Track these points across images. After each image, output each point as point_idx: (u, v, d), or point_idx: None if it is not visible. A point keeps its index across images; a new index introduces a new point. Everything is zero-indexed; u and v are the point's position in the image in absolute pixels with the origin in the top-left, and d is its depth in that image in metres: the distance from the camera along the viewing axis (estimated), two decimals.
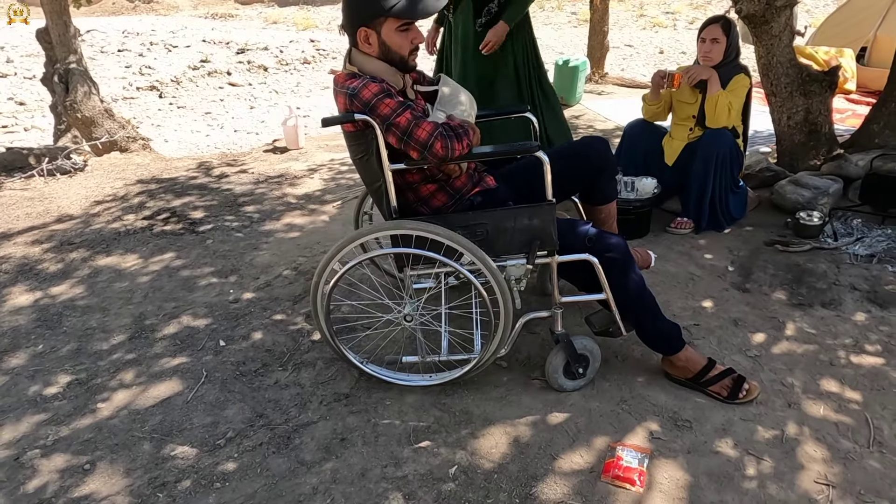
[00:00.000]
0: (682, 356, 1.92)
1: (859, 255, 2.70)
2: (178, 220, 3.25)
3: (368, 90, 1.66)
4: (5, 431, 1.84)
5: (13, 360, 2.17)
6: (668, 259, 2.75)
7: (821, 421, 1.81)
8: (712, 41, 2.95)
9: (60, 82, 4.71)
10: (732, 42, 2.94)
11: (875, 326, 2.24)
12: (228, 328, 2.32)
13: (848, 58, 6.14)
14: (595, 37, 7.13)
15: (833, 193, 3.05)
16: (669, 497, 1.57)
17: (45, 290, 2.63)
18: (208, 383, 2.03)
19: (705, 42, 2.97)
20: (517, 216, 1.75)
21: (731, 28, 2.92)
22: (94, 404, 1.94)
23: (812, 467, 1.65)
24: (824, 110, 3.57)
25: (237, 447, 1.76)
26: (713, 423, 1.81)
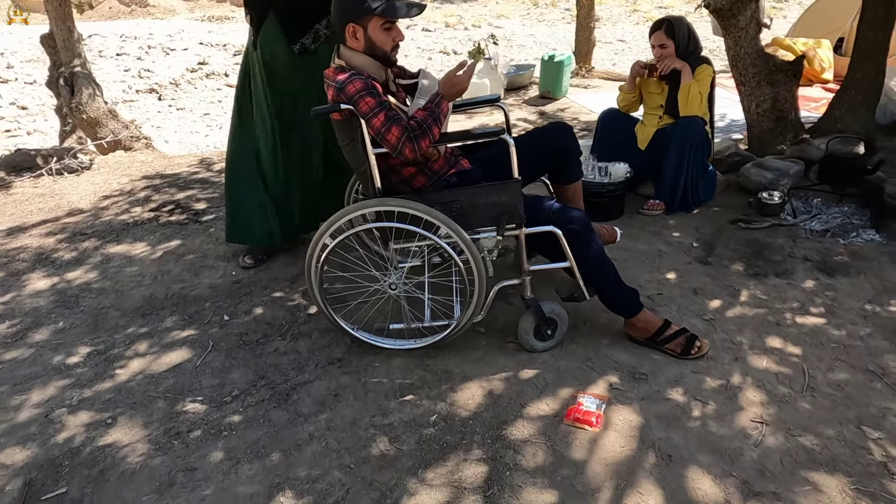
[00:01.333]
0: (641, 318, 2.13)
1: (815, 231, 2.92)
2: (183, 212, 3.47)
3: (353, 86, 1.87)
4: (34, 394, 2.05)
5: (36, 335, 2.39)
6: (639, 238, 2.97)
7: (763, 372, 2.03)
8: (661, 47, 3.18)
9: (66, 85, 4.92)
10: (680, 41, 3.15)
11: (821, 292, 2.46)
12: (232, 305, 2.54)
13: (825, 48, 6.35)
14: (582, 32, 7.33)
15: (794, 175, 3.27)
16: (622, 435, 1.78)
17: (62, 275, 2.85)
18: (215, 351, 2.25)
19: (655, 48, 3.21)
20: (488, 193, 1.96)
21: (674, 30, 3.13)
22: (112, 371, 2.16)
23: (750, 409, 1.87)
24: (790, 98, 3.79)
25: (242, 403, 1.98)
26: (667, 375, 2.02)
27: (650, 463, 1.69)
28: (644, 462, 1.69)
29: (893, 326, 2.22)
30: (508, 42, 14.17)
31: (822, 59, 6.20)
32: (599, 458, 1.71)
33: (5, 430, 1.90)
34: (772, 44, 6.64)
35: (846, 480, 1.61)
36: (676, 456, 1.70)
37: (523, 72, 6.50)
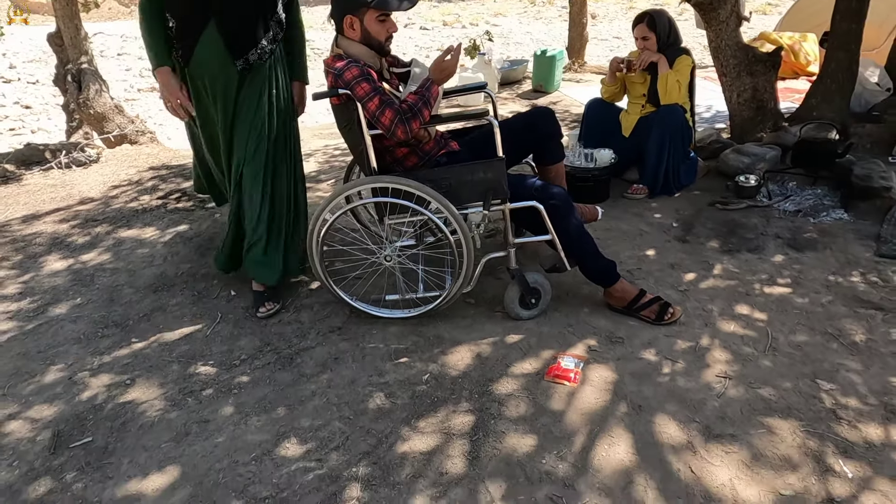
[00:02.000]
0: (618, 287, 2.30)
1: (787, 211, 3.09)
2: (189, 199, 3.63)
3: (350, 72, 2.04)
4: (57, 360, 2.22)
5: (56, 309, 2.56)
6: (622, 219, 3.14)
7: (730, 335, 2.20)
8: (643, 39, 3.35)
9: (74, 81, 5.09)
10: (661, 33, 3.32)
11: (789, 265, 2.63)
12: (238, 282, 2.70)
13: (811, 42, 6.51)
14: (574, 28, 7.50)
15: (770, 159, 3.43)
16: (597, 389, 1.95)
17: (76, 257, 3.02)
18: (223, 322, 2.42)
19: (638, 40, 3.38)
20: (474, 170, 2.13)
21: (655, 23, 3.31)
22: (128, 340, 2.33)
23: (716, 366, 2.04)
24: (769, 88, 3.95)
25: (249, 366, 2.15)
26: (641, 338, 2.19)
27: (622, 412, 1.85)
28: (616, 411, 1.86)
29: (853, 294, 2.39)
30: (505, 39, 14.33)
31: (807, 52, 6.37)
32: (576, 408, 1.88)
33: (33, 391, 2.07)
34: (759, 38, 6.80)
35: (798, 424, 1.78)
36: (646, 406, 1.87)
37: (517, 67, 6.66)
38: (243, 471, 1.70)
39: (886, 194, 2.96)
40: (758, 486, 1.58)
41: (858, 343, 2.11)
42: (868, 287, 2.43)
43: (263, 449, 1.77)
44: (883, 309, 2.29)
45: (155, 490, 1.65)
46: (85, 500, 1.63)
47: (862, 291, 2.41)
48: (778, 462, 1.66)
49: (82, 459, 1.76)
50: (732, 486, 1.59)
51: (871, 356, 2.05)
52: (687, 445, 1.72)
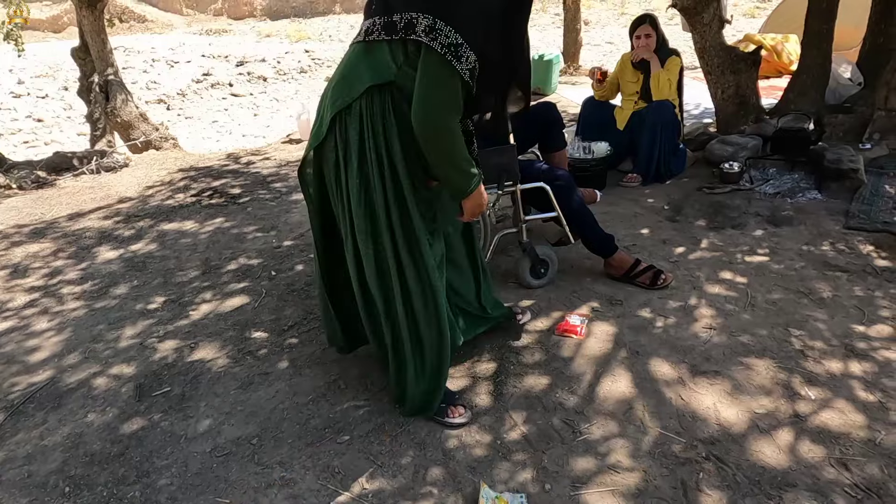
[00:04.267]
0: (617, 257, 2.62)
1: (767, 193, 3.42)
2: (221, 196, 3.96)
3: None
4: (126, 330, 2.53)
5: (117, 290, 2.87)
6: (618, 204, 3.46)
7: (715, 295, 2.52)
8: (646, 37, 3.70)
9: (101, 92, 5.42)
10: (660, 33, 3.67)
11: (768, 238, 2.95)
12: (276, 263, 3.02)
13: (793, 42, 6.88)
14: (569, 34, 7.87)
15: (751, 148, 3.77)
16: (600, 340, 2.27)
17: (126, 247, 3.33)
18: (268, 297, 2.73)
19: (640, 38, 3.72)
20: (489, 156, 2.44)
21: (656, 23, 3.66)
22: (186, 313, 2.64)
23: (702, 320, 2.36)
24: (751, 84, 4.30)
25: (297, 331, 2.46)
26: (637, 300, 2.51)
27: (622, 357, 2.17)
28: (617, 356, 2.18)
29: (823, 260, 2.72)
30: None
31: (789, 52, 6.73)
32: (583, 355, 2.19)
33: (109, 355, 2.38)
34: (744, 39, 7.17)
35: (771, 362, 2.10)
36: (643, 351, 2.19)
37: None
38: (303, 409, 2.01)
39: (855, 175, 3.30)
40: (737, 408, 1.90)
41: (825, 298, 2.44)
42: (836, 254, 2.76)
43: (318, 392, 2.08)
44: (848, 271, 2.61)
45: (231, 425, 1.96)
46: (173, 433, 1.93)
47: (831, 258, 2.74)
48: (754, 389, 1.97)
49: (164, 405, 2.07)
50: (716, 408, 1.90)
51: (835, 308, 2.37)
52: (677, 380, 2.04)
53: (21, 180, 4.51)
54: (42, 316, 2.69)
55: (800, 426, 1.81)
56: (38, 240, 3.51)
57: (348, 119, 1.65)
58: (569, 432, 1.84)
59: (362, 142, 1.65)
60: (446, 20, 1.51)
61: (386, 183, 1.66)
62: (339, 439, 1.86)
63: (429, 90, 1.54)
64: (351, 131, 1.65)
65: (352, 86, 1.64)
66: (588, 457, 1.75)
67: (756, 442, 1.76)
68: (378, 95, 1.61)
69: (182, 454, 1.84)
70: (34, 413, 2.06)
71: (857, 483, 1.61)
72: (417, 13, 1.53)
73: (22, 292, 2.92)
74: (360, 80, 1.62)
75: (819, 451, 1.72)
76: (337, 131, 1.67)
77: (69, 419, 2.02)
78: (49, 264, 3.19)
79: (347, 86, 1.65)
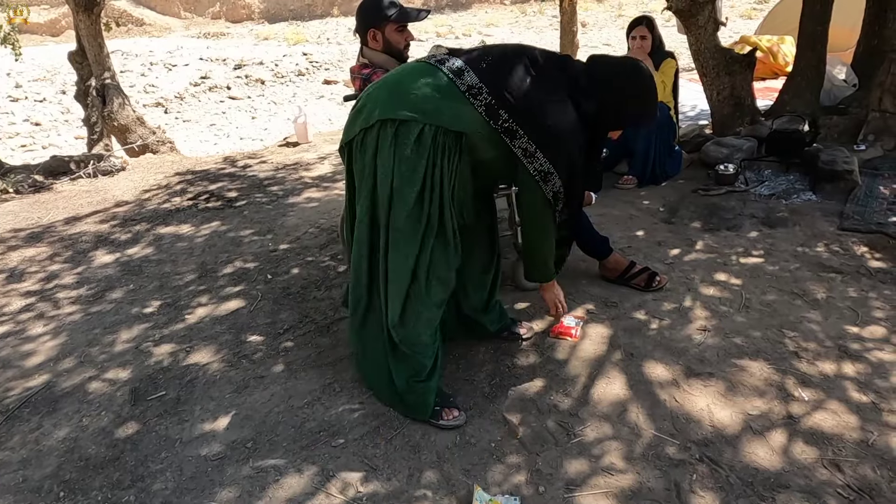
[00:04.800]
0: (611, 259, 2.63)
1: (762, 194, 3.43)
2: (218, 199, 3.96)
3: (377, 76, 2.37)
4: (122, 334, 2.54)
5: (113, 294, 2.87)
6: (614, 206, 3.47)
7: (709, 297, 2.53)
8: (641, 38, 3.71)
9: (98, 96, 5.43)
10: (656, 35, 3.68)
11: (762, 240, 2.96)
12: (272, 267, 3.03)
13: (788, 44, 6.90)
14: (566, 36, 7.89)
15: (746, 150, 3.78)
16: (595, 343, 2.27)
17: (122, 251, 3.33)
18: (264, 300, 2.73)
19: (636, 39, 3.73)
20: None
21: (653, 25, 3.67)
22: (182, 316, 2.64)
23: (697, 322, 2.36)
24: (746, 86, 4.31)
25: (292, 334, 2.46)
26: (632, 302, 2.52)
27: (616, 359, 2.18)
28: (612, 358, 2.18)
29: (817, 262, 2.73)
30: None
31: (785, 53, 6.75)
32: (577, 357, 2.20)
33: (105, 359, 2.38)
34: (740, 41, 7.20)
35: (765, 363, 2.10)
36: (637, 353, 2.20)
37: None
38: (298, 412, 2.01)
39: (849, 177, 3.31)
40: (730, 409, 1.91)
41: (819, 300, 2.45)
42: (830, 255, 2.77)
43: (314, 396, 2.09)
44: (842, 272, 2.62)
45: (226, 428, 1.96)
46: (168, 438, 1.93)
47: (825, 259, 2.74)
48: (747, 391, 1.98)
49: (160, 408, 2.07)
50: (709, 409, 1.91)
51: (829, 310, 2.38)
52: (672, 382, 2.04)
53: (18, 184, 4.52)
54: (38, 320, 2.69)
55: (793, 427, 1.82)
56: (35, 244, 3.51)
57: (403, 130, 1.72)
58: (563, 434, 1.85)
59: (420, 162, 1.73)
60: (544, 151, 1.75)
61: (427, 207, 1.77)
62: (333, 442, 1.86)
63: (528, 196, 1.86)
64: (402, 145, 1.72)
65: (424, 110, 1.72)
66: (582, 459, 1.75)
67: (749, 443, 1.77)
68: (448, 136, 1.73)
69: (177, 458, 1.84)
70: (29, 417, 2.06)
71: (850, 484, 1.62)
72: (524, 134, 1.74)
73: (18, 297, 2.92)
74: (437, 113, 1.72)
75: (812, 453, 1.72)
76: (387, 134, 1.73)
77: (64, 423, 2.02)
78: (45, 268, 3.19)
79: (421, 107, 1.72)
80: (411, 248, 1.79)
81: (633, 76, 1.88)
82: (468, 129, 1.74)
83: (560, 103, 1.77)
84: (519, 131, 1.73)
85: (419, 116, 1.71)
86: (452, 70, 1.74)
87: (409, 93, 1.74)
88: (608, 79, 1.85)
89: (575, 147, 1.80)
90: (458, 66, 1.74)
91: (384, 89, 1.81)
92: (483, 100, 1.71)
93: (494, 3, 23.58)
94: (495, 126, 1.72)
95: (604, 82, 1.84)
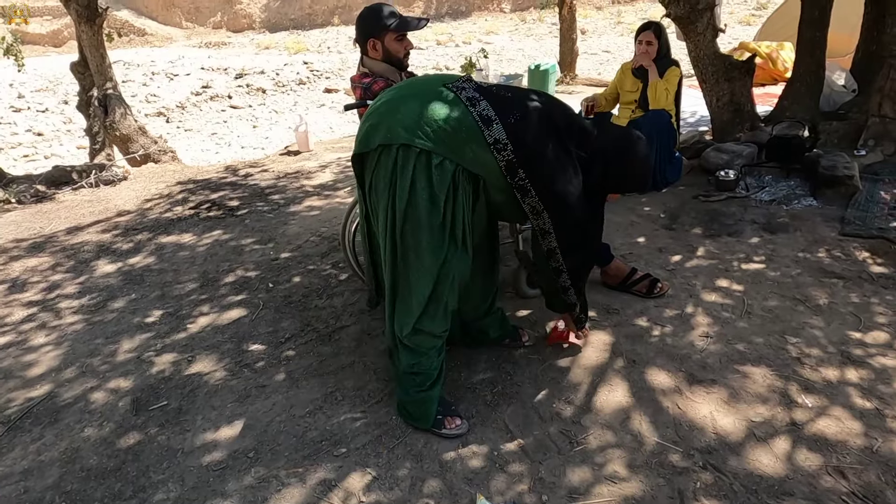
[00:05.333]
0: (613, 266, 2.63)
1: (763, 200, 3.43)
2: (219, 208, 3.97)
3: (378, 85, 2.39)
4: (124, 344, 2.54)
5: (115, 304, 2.87)
6: (615, 213, 3.47)
7: (711, 303, 2.52)
8: (647, 43, 3.71)
9: (100, 106, 5.45)
10: (663, 42, 3.69)
11: (763, 245, 2.96)
12: (274, 276, 3.03)
13: (788, 50, 6.92)
14: (565, 44, 7.93)
15: (746, 156, 3.79)
16: (597, 350, 2.27)
17: (124, 261, 3.34)
18: (265, 309, 2.73)
19: (642, 44, 3.73)
20: None
21: (661, 31, 3.67)
22: (184, 326, 2.64)
23: (699, 328, 2.36)
24: (745, 92, 4.32)
25: (294, 343, 2.46)
26: (634, 309, 2.52)
27: (619, 366, 2.17)
28: (614, 365, 2.18)
29: (819, 267, 2.72)
30: (498, 56, 14.80)
31: (784, 59, 6.77)
32: (579, 364, 2.19)
33: (107, 369, 2.38)
34: (739, 47, 7.23)
35: (768, 370, 2.10)
36: (639, 360, 2.19)
37: (512, 80, 7.04)
38: (300, 421, 2.01)
39: (850, 182, 3.31)
40: (733, 416, 1.90)
41: (822, 305, 2.44)
42: (832, 261, 2.77)
43: (315, 405, 2.08)
44: (844, 278, 2.62)
45: (228, 438, 1.96)
46: (170, 448, 1.93)
47: (827, 264, 2.74)
48: (750, 398, 1.97)
49: (161, 418, 2.07)
50: (712, 416, 1.90)
51: (832, 315, 2.37)
52: (674, 389, 2.04)
53: (20, 195, 4.53)
54: (40, 330, 2.69)
55: (797, 434, 1.81)
56: (37, 254, 3.52)
57: (424, 159, 1.71)
58: (566, 442, 1.84)
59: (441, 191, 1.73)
60: (550, 212, 1.82)
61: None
62: (335, 451, 1.86)
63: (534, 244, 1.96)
64: (422, 172, 1.72)
65: (449, 145, 1.71)
66: (585, 467, 1.75)
67: (753, 450, 1.76)
68: (466, 175, 1.75)
69: (178, 468, 1.84)
70: (31, 428, 2.06)
71: (855, 491, 1.61)
72: (536, 194, 1.79)
73: (20, 307, 2.92)
74: (460, 152, 1.72)
75: (816, 460, 1.72)
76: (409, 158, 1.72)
77: (66, 434, 2.02)
78: (47, 278, 3.20)
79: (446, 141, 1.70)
80: (431, 263, 1.79)
81: (635, 151, 1.94)
82: (486, 175, 1.78)
83: (572, 170, 1.83)
84: (532, 191, 1.78)
85: (442, 150, 1.70)
86: (482, 117, 1.73)
87: (434, 121, 1.71)
88: (613, 150, 1.91)
89: (578, 211, 1.86)
90: (487, 115, 1.73)
91: (406, 107, 1.75)
92: (506, 156, 1.74)
93: (494, 11, 23.69)
94: (511, 182, 1.77)
95: (610, 153, 1.90)
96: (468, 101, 1.75)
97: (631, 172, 1.94)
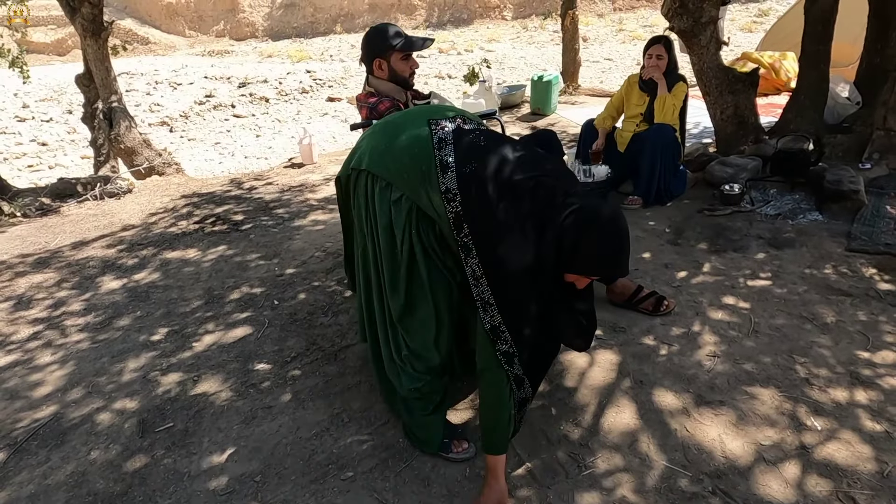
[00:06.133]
0: (618, 283, 2.62)
1: (768, 214, 3.42)
2: (224, 223, 3.97)
3: (383, 105, 2.40)
4: (130, 363, 2.53)
5: (120, 321, 2.87)
6: None
7: (718, 321, 2.52)
8: (657, 57, 3.72)
9: (105, 119, 5.48)
10: (672, 57, 3.70)
11: (770, 261, 2.95)
12: (279, 292, 3.03)
13: (791, 60, 6.92)
14: (568, 54, 7.94)
15: (751, 169, 3.78)
16: (604, 370, 2.26)
17: (129, 277, 3.34)
18: (271, 327, 2.73)
19: (652, 58, 3.74)
20: None
21: (671, 46, 3.69)
22: (190, 344, 2.64)
23: (706, 347, 2.35)
24: (749, 104, 4.32)
25: (300, 362, 2.46)
26: (640, 327, 2.51)
27: (626, 386, 2.16)
28: (621, 386, 2.17)
29: (826, 284, 2.71)
30: (500, 64, 14.83)
31: (787, 69, 6.77)
32: (586, 385, 2.19)
33: (113, 389, 2.37)
34: (742, 57, 7.23)
35: (776, 390, 2.09)
36: (647, 381, 2.18)
37: (515, 91, 7.06)
38: (307, 444, 2.00)
39: (855, 196, 3.30)
40: (742, 440, 1.89)
41: (829, 324, 2.43)
42: (839, 277, 2.76)
43: (322, 427, 2.08)
44: (851, 295, 2.61)
45: (234, 461, 1.95)
46: (177, 471, 1.93)
47: (833, 281, 2.73)
48: (759, 420, 1.96)
49: (168, 440, 2.07)
50: (721, 440, 1.89)
51: (839, 334, 2.36)
52: (682, 410, 2.03)
53: (25, 208, 4.55)
54: (46, 349, 2.69)
55: (806, 458, 1.80)
56: (42, 270, 3.53)
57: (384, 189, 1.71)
58: (574, 466, 1.83)
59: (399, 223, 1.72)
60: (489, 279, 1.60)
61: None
62: (342, 475, 1.85)
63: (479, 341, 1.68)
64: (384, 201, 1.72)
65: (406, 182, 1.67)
66: (594, 492, 1.74)
67: (762, 475, 1.75)
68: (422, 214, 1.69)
69: (185, 493, 1.83)
70: (37, 451, 2.06)
71: None
72: (476, 255, 1.60)
73: (26, 324, 2.93)
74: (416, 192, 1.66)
75: (826, 485, 1.70)
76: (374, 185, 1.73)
77: (72, 457, 2.02)
78: (53, 295, 3.20)
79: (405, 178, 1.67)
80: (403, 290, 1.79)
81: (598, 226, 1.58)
82: (440, 223, 1.67)
83: (525, 238, 1.57)
84: (473, 250, 1.59)
85: (400, 185, 1.68)
86: (442, 162, 1.63)
87: (398, 157, 1.69)
88: (572, 219, 1.57)
89: (524, 285, 1.60)
90: (446, 161, 1.62)
91: (383, 136, 1.76)
92: (454, 208, 1.59)
93: (496, 19, 23.78)
94: (456, 238, 1.61)
95: (566, 221, 1.57)
96: (437, 142, 1.65)
97: (589, 252, 1.56)
